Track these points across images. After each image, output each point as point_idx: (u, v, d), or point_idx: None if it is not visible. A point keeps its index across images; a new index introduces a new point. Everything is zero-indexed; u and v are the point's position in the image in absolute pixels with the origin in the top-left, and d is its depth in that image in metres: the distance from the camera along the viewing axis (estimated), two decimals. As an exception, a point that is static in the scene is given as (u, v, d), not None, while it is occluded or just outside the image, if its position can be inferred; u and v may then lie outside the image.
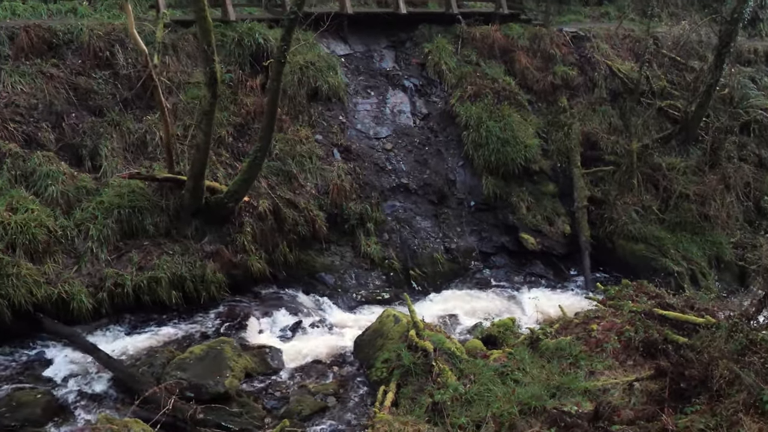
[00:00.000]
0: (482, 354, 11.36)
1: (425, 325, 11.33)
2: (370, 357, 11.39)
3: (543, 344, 11.25)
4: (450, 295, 15.10)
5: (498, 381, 10.00)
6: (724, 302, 13.17)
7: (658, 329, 11.14)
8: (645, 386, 9.60)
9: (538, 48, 18.41)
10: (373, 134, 16.45)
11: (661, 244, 16.10)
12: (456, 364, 10.30)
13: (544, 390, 9.64)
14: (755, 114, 18.97)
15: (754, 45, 21.96)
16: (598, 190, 16.90)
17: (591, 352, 10.97)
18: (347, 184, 15.17)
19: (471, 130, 16.48)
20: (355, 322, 13.27)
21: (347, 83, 16.92)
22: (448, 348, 10.51)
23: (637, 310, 11.56)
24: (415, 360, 10.37)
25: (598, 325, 11.72)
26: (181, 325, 12.20)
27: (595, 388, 9.67)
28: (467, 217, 16.38)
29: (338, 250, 14.93)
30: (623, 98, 18.26)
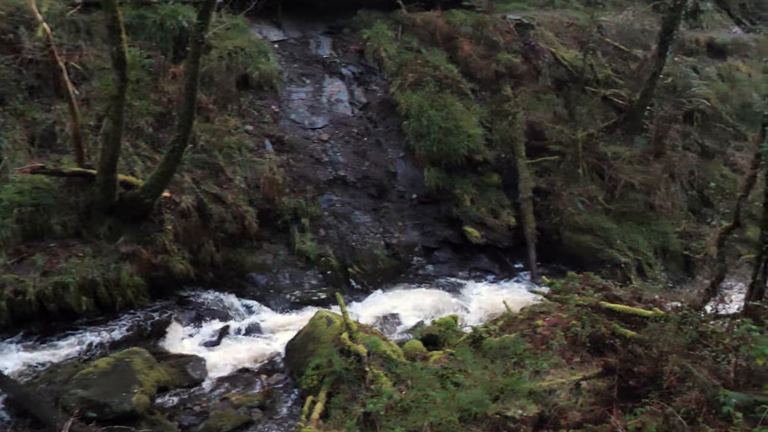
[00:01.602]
0: (422, 356, 10.61)
1: (359, 327, 10.51)
2: (301, 363, 10.51)
3: (486, 343, 10.58)
4: (391, 293, 14.30)
5: (438, 385, 9.28)
6: (672, 293, 12.74)
7: (606, 323, 10.60)
8: (593, 385, 9.00)
9: (482, 35, 17.77)
10: (308, 124, 15.56)
11: (607, 235, 15.65)
12: (392, 368, 9.51)
13: (487, 393, 8.94)
14: (698, 103, 18.69)
15: (695, 35, 21.80)
16: (544, 181, 16.33)
17: (536, 350, 10.33)
18: (280, 177, 14.26)
19: (412, 120, 15.74)
20: (289, 326, 12.32)
21: (281, 70, 16.00)
22: (383, 351, 9.71)
23: (584, 303, 10.97)
24: (348, 365, 9.54)
25: (544, 321, 11.12)
26: (91, 335, 10.98)
27: (540, 389, 9.01)
28: (409, 210, 15.63)
29: (271, 248, 13.99)
30: (568, 87, 17.79)
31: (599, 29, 18.86)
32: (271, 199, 14.02)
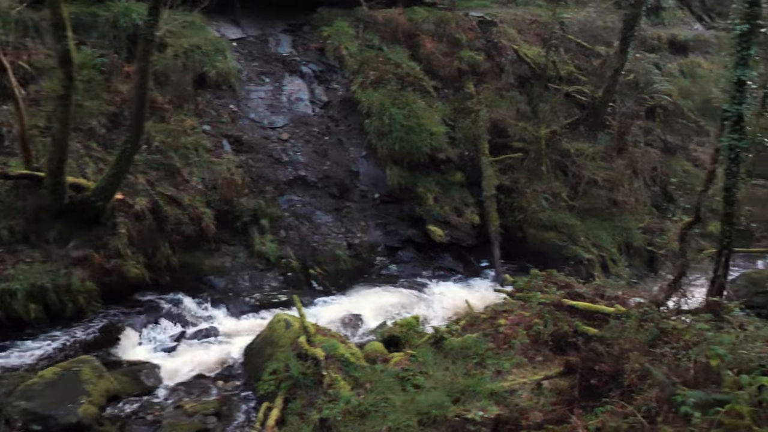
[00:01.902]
0: (382, 358, 10.42)
1: (318, 330, 10.28)
2: (259, 368, 10.22)
3: (447, 343, 10.40)
4: (354, 293, 14.12)
5: (398, 388, 9.06)
6: (635, 289, 12.70)
7: (568, 321, 10.52)
8: (555, 384, 8.87)
9: (444, 32, 17.62)
10: (267, 124, 15.26)
11: (571, 232, 15.61)
12: (350, 371, 9.29)
13: (447, 395, 8.74)
14: (660, 99, 18.75)
15: (657, 32, 21.92)
16: (507, 178, 16.23)
17: (498, 350, 10.19)
18: (238, 177, 13.95)
19: (374, 118, 15.53)
20: (248, 330, 12.05)
21: (239, 69, 15.68)
22: (341, 354, 9.48)
23: (546, 301, 10.86)
24: (305, 370, 9.29)
25: (506, 320, 10.98)
26: (39, 343, 10.61)
27: (501, 390, 8.84)
28: (371, 210, 15.41)
29: (229, 250, 13.68)
30: (531, 84, 17.72)
31: (561, 26, 18.84)
32: (230, 200, 13.72)
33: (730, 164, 10.87)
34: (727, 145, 10.73)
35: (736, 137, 10.63)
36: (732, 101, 10.56)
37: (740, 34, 10.32)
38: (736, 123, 10.63)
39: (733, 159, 10.81)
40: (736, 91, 10.51)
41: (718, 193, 11.96)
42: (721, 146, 10.97)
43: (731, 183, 10.93)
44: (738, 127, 10.63)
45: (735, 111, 10.52)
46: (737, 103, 10.48)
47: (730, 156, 10.81)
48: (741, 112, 10.54)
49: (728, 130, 10.71)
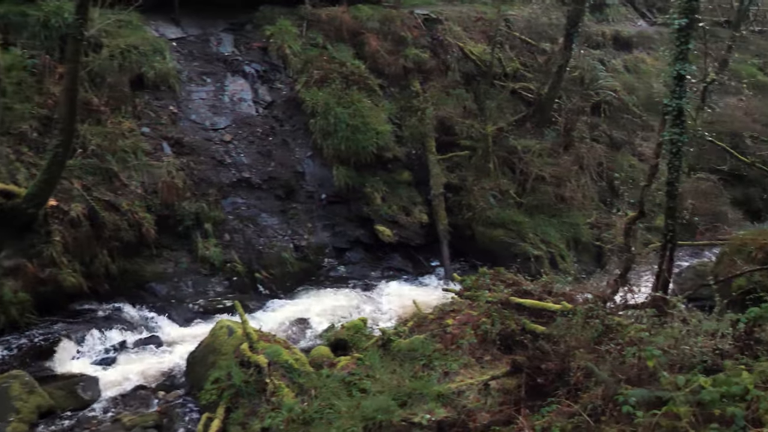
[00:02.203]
0: (329, 362, 10.21)
1: (261, 336, 10.01)
2: (202, 377, 9.90)
3: (395, 345, 10.22)
4: (301, 297, 13.90)
5: (344, 393, 8.85)
6: (583, 285, 12.71)
7: (516, 319, 10.43)
8: (502, 384, 8.74)
9: (389, 30, 17.43)
10: (209, 125, 14.89)
11: (519, 229, 15.59)
12: (294, 378, 9.05)
13: (394, 399, 8.56)
14: (605, 95, 18.90)
15: (602, 28, 22.11)
16: (455, 176, 16.16)
17: (446, 350, 10.06)
18: (180, 181, 13.57)
19: (318, 118, 15.27)
20: (191, 337, 11.70)
21: (179, 69, 15.27)
22: (285, 360, 9.23)
23: (494, 300, 10.76)
24: (247, 378, 9.01)
25: (454, 320, 10.86)
26: (-33, 358, 10.20)
27: (449, 392, 8.68)
28: (318, 211, 15.17)
29: (172, 255, 13.30)
30: (477, 81, 17.67)
31: (507, 23, 18.85)
32: (171, 205, 13.33)
33: (671, 158, 10.93)
34: (669, 139, 10.79)
35: (677, 131, 10.69)
36: (672, 96, 10.61)
37: (679, 28, 10.36)
38: (676, 117, 10.68)
39: (674, 153, 10.87)
40: (675, 86, 10.56)
41: (661, 188, 12.07)
42: (662, 141, 11.04)
43: (673, 177, 10.99)
44: (678, 121, 10.68)
45: (675, 105, 10.57)
46: (677, 97, 10.54)
47: (672, 150, 10.86)
48: (681, 107, 10.59)
49: (669, 125, 10.76)
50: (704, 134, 12.56)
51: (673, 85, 10.60)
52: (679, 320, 8.36)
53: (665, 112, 10.85)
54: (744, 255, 13.30)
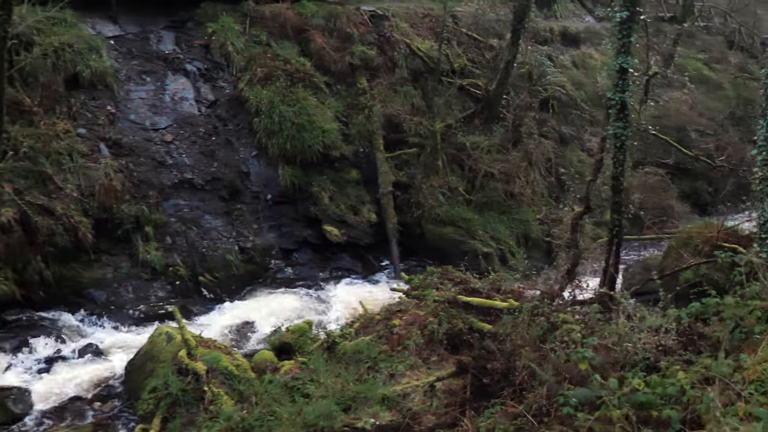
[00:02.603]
0: (272, 367, 9.92)
1: (201, 342, 9.67)
2: (140, 386, 9.55)
3: (340, 348, 9.99)
4: (247, 300, 13.61)
5: (286, 399, 8.59)
6: (532, 281, 12.63)
7: (463, 318, 10.26)
8: (448, 385, 8.57)
9: (335, 27, 17.14)
10: (150, 125, 14.43)
11: (469, 226, 15.48)
12: (234, 385, 8.74)
13: (338, 403, 8.33)
14: (553, 91, 18.92)
15: (550, 24, 22.13)
16: (404, 174, 15.98)
17: (392, 352, 9.85)
18: (118, 183, 13.10)
19: (263, 117, 14.93)
20: (131, 344, 11.30)
21: (117, 68, 14.78)
22: (224, 367, 8.92)
23: (441, 299, 10.57)
24: (185, 386, 8.69)
25: (401, 320, 10.64)
26: None
27: (394, 394, 8.49)
28: (264, 211, 14.83)
29: (111, 260, 12.84)
30: (425, 78, 17.48)
31: (454, 19, 18.73)
32: (109, 208, 12.87)
33: (616, 152, 10.88)
34: (613, 133, 10.74)
35: (621, 125, 10.64)
36: (615, 89, 10.56)
37: (620, 21, 10.31)
38: (619, 111, 10.63)
39: (618, 147, 10.82)
40: (618, 79, 10.51)
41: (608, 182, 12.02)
42: (606, 135, 10.99)
43: (618, 171, 10.95)
44: (622, 114, 10.63)
45: (618, 99, 10.52)
46: (620, 90, 10.49)
47: (616, 144, 10.81)
48: (624, 100, 10.55)
49: (613, 119, 10.71)
50: (648, 128, 12.55)
51: (615, 79, 10.55)
52: (624, 316, 8.30)
53: (608, 106, 10.80)
54: (690, 248, 13.38)
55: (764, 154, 8.09)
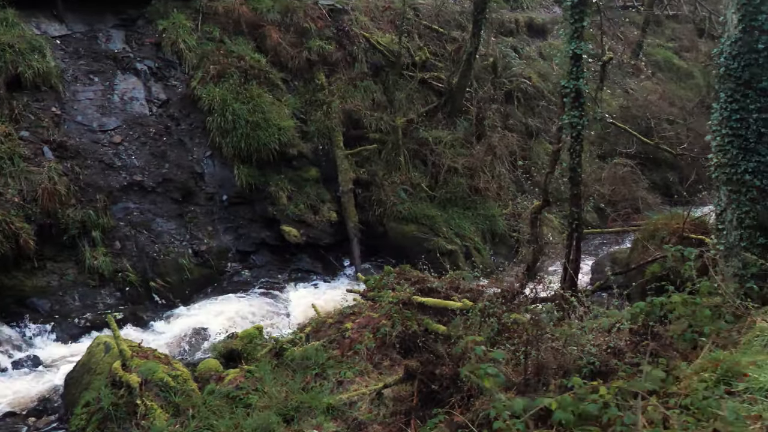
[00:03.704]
0: (216, 376, 9.44)
1: (138, 352, 9.17)
2: (76, 400, 9.05)
3: (288, 354, 9.55)
4: (202, 305, 13.14)
5: (226, 410, 8.14)
6: (492, 279, 12.27)
7: (418, 320, 9.84)
8: (397, 392, 8.15)
9: (292, 22, 16.61)
10: (97, 126, 13.87)
11: (432, 223, 15.10)
12: (170, 397, 8.26)
13: (280, 414, 7.91)
14: (519, 83, 18.55)
15: (515, 16, 21.78)
16: (365, 171, 15.56)
17: (343, 357, 9.42)
18: (63, 187, 12.54)
19: (216, 115, 14.41)
20: (74, 355, 10.79)
21: (63, 69, 14.21)
22: (160, 378, 8.43)
23: (395, 300, 10.16)
24: (117, 399, 8.20)
25: (353, 323, 10.21)
26: None
27: (340, 403, 8.06)
28: (220, 213, 14.35)
29: (56, 267, 12.30)
30: (385, 72, 17.04)
31: (415, 12, 18.31)
32: (53, 213, 12.30)
33: (572, 143, 10.55)
34: (568, 122, 10.40)
35: (576, 114, 10.32)
36: (569, 76, 10.22)
37: (572, 5, 9.97)
38: (575, 99, 10.30)
39: (575, 137, 10.49)
40: (572, 66, 10.17)
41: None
42: (562, 124, 10.64)
43: (575, 162, 10.62)
44: (577, 103, 10.30)
45: (572, 86, 10.19)
46: (574, 78, 10.15)
47: (572, 134, 10.48)
48: (579, 88, 10.21)
49: (568, 107, 10.37)
50: (605, 116, 12.20)
51: (569, 66, 10.20)
52: (576, 316, 7.93)
53: (563, 95, 10.45)
54: (657, 240, 13.05)
55: (718, 139, 7.73)
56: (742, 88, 7.53)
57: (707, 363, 4.10)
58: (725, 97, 7.63)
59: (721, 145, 7.75)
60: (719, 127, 7.74)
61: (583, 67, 10.12)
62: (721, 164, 7.77)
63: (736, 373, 3.82)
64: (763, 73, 7.45)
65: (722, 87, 7.67)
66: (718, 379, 3.82)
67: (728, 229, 7.84)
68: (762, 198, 7.68)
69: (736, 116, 7.57)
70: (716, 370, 3.87)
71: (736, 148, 7.60)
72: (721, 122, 7.71)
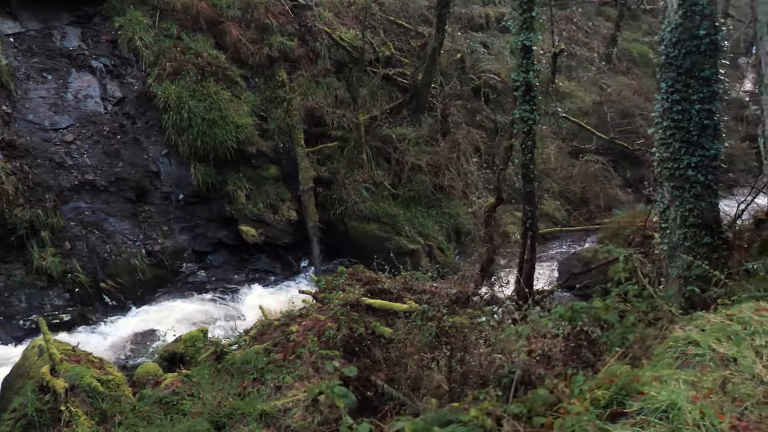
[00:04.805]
0: (154, 381, 9.17)
1: (71, 356, 8.88)
2: (8, 405, 8.75)
3: (229, 358, 9.28)
4: (154, 306, 12.90)
5: (158, 417, 7.86)
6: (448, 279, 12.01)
7: (366, 322, 9.58)
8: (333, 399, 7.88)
9: (252, 18, 16.29)
10: (49, 125, 13.55)
11: (394, 222, 14.87)
12: (98, 403, 7.98)
13: (211, 421, 7.64)
14: (486, 78, 18.29)
15: (485, 11, 21.51)
16: (326, 169, 15.29)
17: (284, 361, 9.15)
18: (11, 186, 12.25)
19: (171, 113, 14.09)
20: (15, 358, 10.45)
21: (15, 66, 13.88)
22: (88, 383, 8.14)
23: (343, 302, 9.90)
24: (43, 405, 7.91)
25: (300, 326, 9.94)
26: None
27: (274, 410, 7.78)
28: (176, 212, 14.07)
29: (3, 268, 12.03)
30: (349, 68, 16.75)
31: (381, 7, 18.02)
32: (0, 213, 12.01)
33: (524, 138, 10.32)
34: (519, 117, 10.16)
35: (527, 108, 10.08)
36: (519, 69, 9.98)
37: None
38: (525, 92, 10.06)
39: (526, 132, 10.26)
40: (522, 58, 9.92)
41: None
42: (514, 119, 10.40)
43: (527, 158, 10.39)
44: (528, 97, 10.06)
45: (522, 79, 9.94)
46: (524, 70, 9.91)
47: (524, 129, 10.25)
48: (529, 81, 9.97)
49: (519, 101, 10.13)
50: (557, 110, 11.97)
51: (519, 58, 9.96)
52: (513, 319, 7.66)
53: (514, 88, 10.21)
54: (621, 239, 12.83)
55: (660, 132, 7.47)
56: (683, 78, 7.25)
57: (603, 379, 3.82)
58: (666, 87, 7.36)
59: (663, 138, 7.49)
60: (661, 119, 7.49)
61: (534, 59, 9.87)
62: (663, 159, 7.52)
63: (632, 391, 3.54)
64: (706, 61, 7.17)
65: (663, 76, 7.41)
66: (610, 398, 3.54)
67: (671, 227, 7.60)
68: (706, 194, 7.45)
69: (677, 107, 7.29)
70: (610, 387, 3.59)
71: (679, 141, 7.33)
72: (663, 114, 7.46)
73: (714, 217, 7.36)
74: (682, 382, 3.45)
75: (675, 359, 3.93)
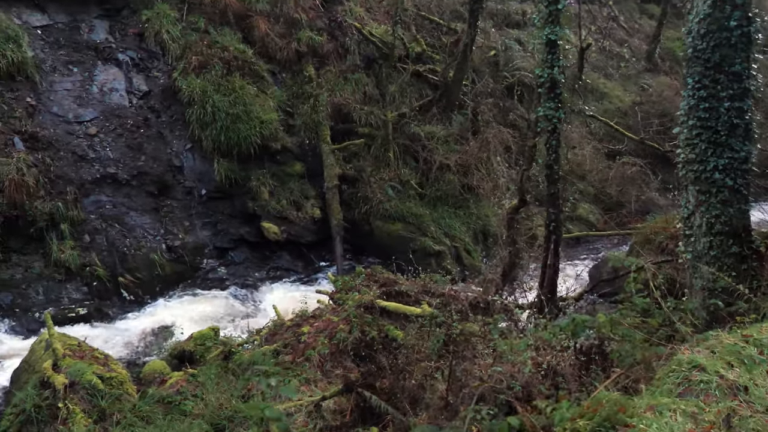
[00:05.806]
0: (160, 379, 8.99)
1: (75, 351, 8.74)
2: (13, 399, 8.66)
3: (237, 358, 9.06)
4: (173, 302, 12.73)
5: (159, 417, 7.66)
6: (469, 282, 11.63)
7: (380, 325, 9.26)
8: (340, 404, 7.59)
9: (281, 12, 16.05)
10: (73, 118, 13.51)
11: (420, 222, 14.48)
12: (97, 401, 7.80)
13: (212, 423, 7.40)
14: (521, 76, 17.76)
15: (522, 7, 20.94)
16: (351, 167, 14.97)
17: (293, 363, 8.89)
18: (31, 178, 12.19)
19: (196, 107, 13.95)
20: (29, 351, 10.43)
21: (41, 59, 13.88)
22: (88, 380, 7.97)
23: (357, 303, 9.59)
24: (42, 401, 7.76)
25: (312, 327, 9.67)
26: None
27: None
28: (198, 207, 13.91)
29: (22, 260, 11.99)
30: (378, 65, 16.41)
31: (413, 2, 17.64)
32: (20, 204, 11.96)
33: (549, 137, 9.89)
34: (544, 114, 9.71)
35: (552, 105, 9.63)
36: (543, 65, 9.54)
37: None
38: (550, 89, 9.62)
39: (551, 131, 9.81)
40: (547, 53, 9.49)
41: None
42: (537, 117, 9.96)
43: (552, 159, 9.93)
44: (553, 94, 9.62)
45: (547, 75, 9.50)
46: (549, 66, 9.47)
47: (548, 128, 9.80)
48: (554, 77, 9.53)
49: (544, 98, 9.69)
50: (584, 109, 11.47)
51: (544, 53, 9.52)
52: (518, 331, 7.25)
53: (539, 85, 9.78)
54: (654, 245, 12.25)
55: (686, 131, 6.95)
56: (711, 72, 6.73)
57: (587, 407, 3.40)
58: (693, 82, 6.85)
59: (688, 138, 6.97)
60: (686, 118, 6.96)
61: (559, 54, 9.42)
62: (688, 160, 7.00)
63: (619, 422, 3.12)
64: (737, 55, 6.64)
65: (690, 71, 6.90)
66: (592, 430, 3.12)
67: (696, 235, 7.06)
68: (735, 200, 6.91)
69: (704, 105, 6.77)
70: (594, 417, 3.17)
71: (705, 141, 6.81)
72: (689, 112, 6.94)
73: (743, 225, 6.80)
74: (680, 413, 3.02)
75: (677, 385, 3.48)
